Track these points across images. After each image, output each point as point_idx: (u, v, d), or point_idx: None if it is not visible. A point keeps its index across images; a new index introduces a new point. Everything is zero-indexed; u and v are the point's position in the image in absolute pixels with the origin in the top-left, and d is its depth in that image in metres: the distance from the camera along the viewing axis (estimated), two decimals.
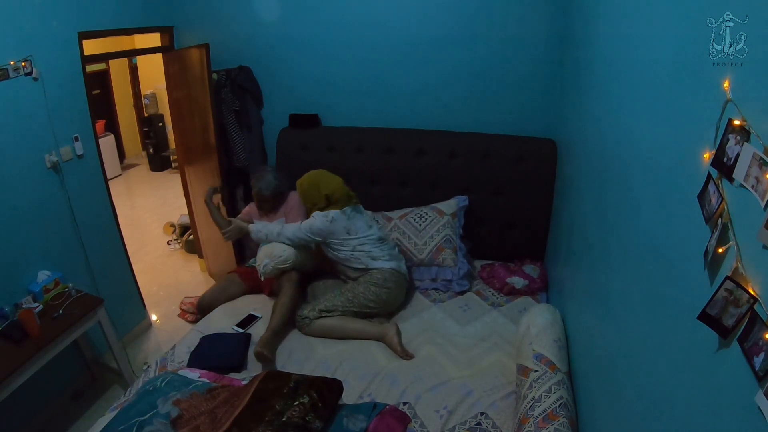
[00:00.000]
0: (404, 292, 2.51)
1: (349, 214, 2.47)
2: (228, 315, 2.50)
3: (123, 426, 1.62)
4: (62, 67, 2.53)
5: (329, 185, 2.48)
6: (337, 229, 2.42)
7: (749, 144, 0.69)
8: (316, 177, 2.52)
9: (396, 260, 2.51)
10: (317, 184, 2.48)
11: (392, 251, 2.55)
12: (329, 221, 2.41)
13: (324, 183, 2.48)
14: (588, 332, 1.70)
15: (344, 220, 2.44)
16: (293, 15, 2.98)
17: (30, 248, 2.42)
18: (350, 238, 2.44)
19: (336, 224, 2.42)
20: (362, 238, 2.46)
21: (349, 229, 2.44)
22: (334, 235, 2.43)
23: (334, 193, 2.47)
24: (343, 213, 2.45)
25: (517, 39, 2.67)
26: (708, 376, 0.78)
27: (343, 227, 2.43)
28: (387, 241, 2.59)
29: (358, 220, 2.50)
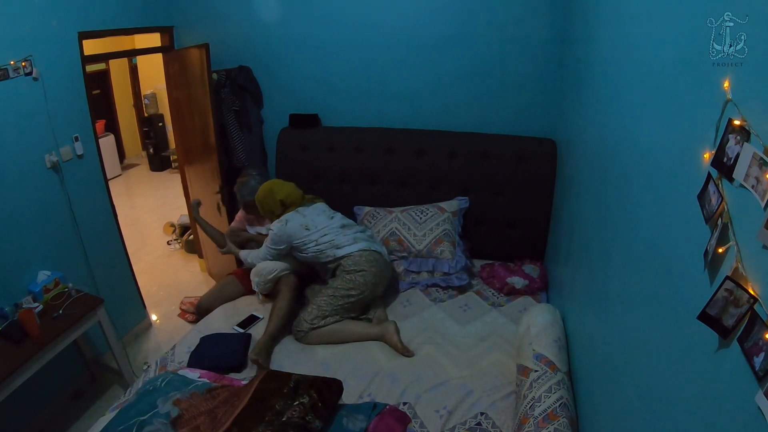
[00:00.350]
0: (384, 270, 2.46)
1: (304, 212, 2.47)
2: (228, 315, 2.50)
3: (123, 426, 1.62)
4: (62, 67, 2.53)
5: (282, 190, 2.50)
6: (293, 228, 2.41)
7: (749, 144, 0.69)
8: (269, 185, 2.53)
9: (364, 241, 2.47)
10: (271, 191, 2.50)
11: (358, 234, 2.52)
12: (284, 224, 2.42)
13: (277, 189, 2.50)
14: (588, 332, 1.70)
15: (300, 218, 2.44)
16: (293, 15, 2.98)
17: (30, 248, 2.42)
18: (311, 233, 2.42)
19: (292, 224, 2.41)
20: (323, 229, 2.44)
21: (306, 225, 2.43)
22: (295, 236, 2.42)
23: (287, 197, 2.49)
24: (297, 212, 2.46)
25: (517, 39, 2.67)
26: (708, 376, 0.78)
27: (299, 225, 2.42)
28: (352, 226, 2.57)
29: (316, 215, 2.50)
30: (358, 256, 2.38)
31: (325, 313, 2.27)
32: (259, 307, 2.54)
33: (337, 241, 2.42)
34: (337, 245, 2.42)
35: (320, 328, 2.25)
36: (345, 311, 2.32)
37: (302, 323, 2.26)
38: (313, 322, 2.25)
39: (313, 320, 2.25)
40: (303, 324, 2.26)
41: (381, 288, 2.46)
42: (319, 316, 2.26)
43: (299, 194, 2.55)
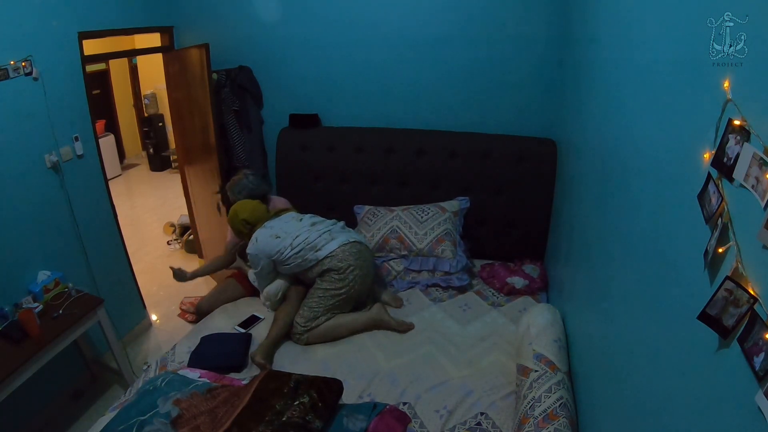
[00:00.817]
0: (369, 259, 2.44)
1: (270, 224, 2.45)
2: (229, 315, 2.50)
3: (123, 426, 1.62)
4: (62, 67, 2.53)
5: (245, 209, 2.49)
6: (264, 242, 2.37)
7: (749, 144, 0.69)
8: (234, 208, 2.52)
9: (340, 234, 2.42)
10: (235, 212, 2.49)
11: (332, 228, 2.46)
12: (254, 242, 2.39)
13: (240, 209, 2.49)
14: (588, 332, 1.70)
15: (267, 230, 2.41)
16: (293, 15, 2.98)
17: (30, 248, 2.42)
18: (282, 240, 2.36)
19: (262, 240, 2.38)
20: (293, 232, 2.39)
21: (276, 234, 2.39)
22: (268, 248, 2.36)
23: (251, 216, 2.47)
24: (263, 227, 2.43)
25: (517, 39, 2.67)
26: (708, 376, 0.78)
27: (269, 236, 2.38)
28: (322, 221, 2.52)
29: (284, 223, 2.46)
30: (341, 252, 2.33)
31: (317, 314, 2.26)
32: (260, 307, 2.54)
33: (312, 241, 2.36)
34: (315, 246, 2.35)
35: (315, 329, 2.24)
36: (337, 309, 2.31)
37: (297, 326, 2.26)
38: (307, 324, 2.25)
39: (306, 323, 2.25)
40: (297, 327, 2.26)
41: (370, 279, 2.44)
42: (311, 318, 2.26)
43: (262, 210, 2.53)
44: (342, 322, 2.28)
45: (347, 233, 2.47)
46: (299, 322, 2.26)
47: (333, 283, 2.30)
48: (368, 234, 2.79)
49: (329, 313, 2.29)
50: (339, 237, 2.40)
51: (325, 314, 2.28)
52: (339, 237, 2.40)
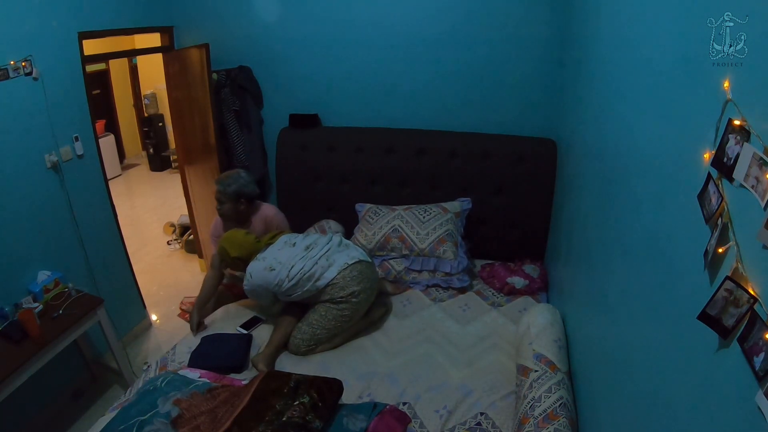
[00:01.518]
0: (373, 276, 2.33)
1: (262, 256, 2.28)
2: (230, 316, 2.49)
3: (123, 425, 1.62)
4: (62, 67, 2.53)
5: (234, 246, 2.32)
6: (260, 278, 2.22)
7: (749, 144, 0.69)
8: (222, 246, 2.35)
9: (338, 257, 2.27)
10: (226, 250, 2.33)
11: (329, 250, 2.30)
12: (249, 278, 2.25)
13: (230, 246, 2.33)
14: (588, 332, 1.70)
15: (260, 263, 2.25)
16: (293, 15, 2.98)
17: (30, 248, 2.42)
18: (278, 272, 2.20)
19: (257, 275, 2.23)
20: (288, 261, 2.22)
21: (270, 266, 2.23)
22: (265, 283, 2.22)
23: (241, 252, 2.32)
24: (256, 260, 2.28)
25: (517, 39, 2.67)
26: (708, 376, 0.78)
27: (263, 269, 2.23)
28: (317, 243, 2.34)
29: (277, 251, 2.29)
30: (342, 279, 2.20)
31: (316, 333, 2.18)
32: (261, 308, 2.53)
33: (308, 271, 2.19)
34: (312, 276, 2.19)
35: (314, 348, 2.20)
36: (339, 328, 2.21)
37: (296, 344, 2.19)
38: (308, 345, 2.18)
39: (306, 344, 2.18)
40: (297, 345, 2.19)
41: (374, 294, 2.35)
42: (311, 337, 2.18)
43: (251, 241, 2.35)
44: (346, 334, 2.25)
45: (345, 252, 2.31)
46: (300, 342, 2.18)
47: (337, 306, 2.20)
48: (369, 232, 2.78)
49: (330, 333, 2.20)
50: (337, 260, 2.25)
51: (327, 334, 2.20)
52: (337, 260, 2.25)
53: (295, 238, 2.40)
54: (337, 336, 2.23)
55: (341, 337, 2.24)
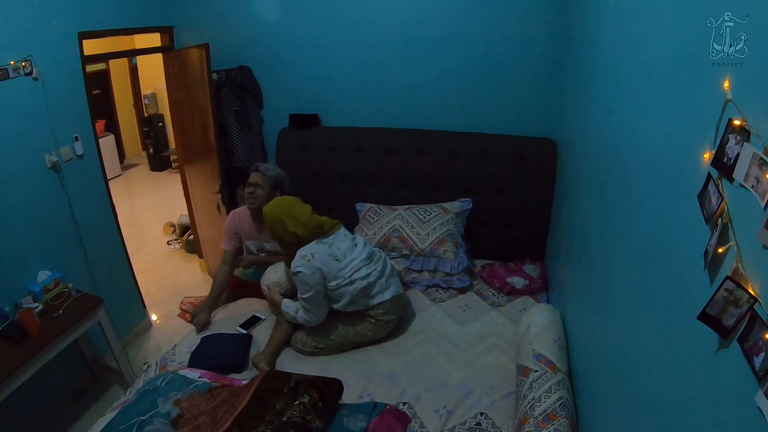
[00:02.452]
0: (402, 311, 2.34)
1: (326, 241, 2.15)
2: (230, 316, 2.49)
3: (123, 425, 1.62)
4: (62, 67, 2.53)
5: (297, 220, 2.11)
6: (323, 263, 2.08)
7: (749, 144, 0.69)
8: (280, 211, 2.14)
9: (393, 283, 2.24)
10: (283, 221, 2.12)
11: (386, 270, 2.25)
12: (310, 259, 2.06)
13: (290, 219, 2.11)
14: (588, 332, 1.70)
15: (325, 248, 2.11)
16: (293, 15, 2.98)
17: (30, 248, 2.42)
18: (341, 265, 2.11)
19: (320, 258, 2.08)
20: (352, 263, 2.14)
21: (335, 255, 2.12)
22: (326, 269, 2.09)
23: (304, 232, 2.12)
24: (318, 243, 2.13)
25: (517, 39, 2.67)
26: (708, 376, 0.78)
27: (327, 255, 2.10)
28: (375, 257, 2.26)
29: (340, 242, 2.18)
30: (391, 305, 2.18)
31: (332, 345, 2.17)
32: (261, 308, 2.53)
33: (372, 281, 2.13)
34: (370, 292, 2.14)
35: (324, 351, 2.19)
36: (354, 342, 2.20)
37: (306, 343, 2.17)
38: (318, 348, 2.17)
39: (318, 346, 2.16)
40: (307, 345, 2.17)
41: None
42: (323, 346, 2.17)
43: (316, 225, 2.15)
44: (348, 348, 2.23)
45: (396, 281, 2.27)
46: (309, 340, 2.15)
47: (367, 326, 2.18)
48: (370, 232, 2.78)
49: (344, 343, 2.19)
50: (392, 285, 2.21)
51: (341, 342, 2.18)
52: (392, 285, 2.21)
53: (353, 236, 2.30)
54: (346, 345, 2.21)
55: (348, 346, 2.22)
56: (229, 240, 2.54)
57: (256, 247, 2.59)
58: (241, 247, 2.60)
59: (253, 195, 2.41)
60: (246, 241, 2.57)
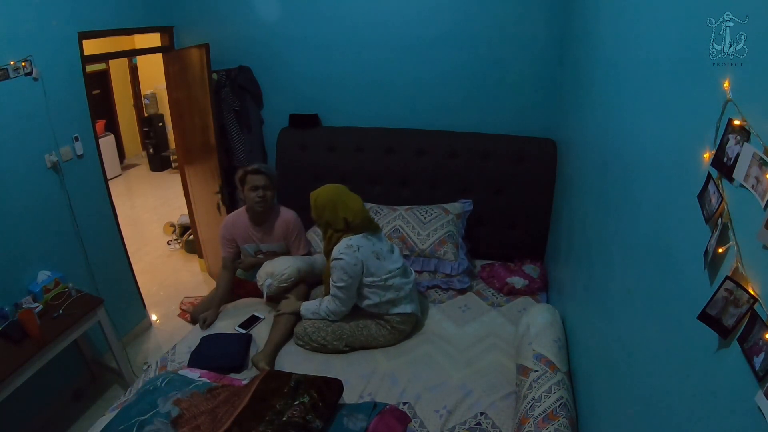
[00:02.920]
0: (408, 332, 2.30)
1: (371, 238, 2.17)
2: (230, 315, 2.49)
3: (123, 425, 1.62)
4: (62, 67, 2.53)
5: (349, 207, 2.12)
6: (366, 257, 2.10)
7: (749, 144, 0.69)
8: (333, 195, 2.16)
9: (414, 301, 2.27)
10: (335, 204, 2.13)
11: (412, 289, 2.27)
12: (355, 250, 2.07)
13: (343, 205, 2.13)
14: (588, 332, 1.70)
15: (369, 244, 2.13)
16: (293, 15, 2.98)
17: (30, 248, 2.42)
18: (381, 265, 2.14)
19: (364, 251, 2.09)
20: (390, 264, 2.17)
21: (378, 253, 2.14)
22: (367, 266, 2.10)
23: (354, 218, 2.12)
24: (364, 237, 2.14)
25: (517, 39, 2.67)
26: (708, 376, 0.78)
27: (371, 252, 2.12)
28: (408, 271, 2.30)
29: (382, 243, 2.23)
30: (408, 319, 2.22)
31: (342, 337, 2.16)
32: (260, 307, 2.53)
33: (399, 292, 2.17)
34: (393, 301, 2.16)
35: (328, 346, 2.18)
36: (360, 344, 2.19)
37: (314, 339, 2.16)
38: (325, 342, 2.16)
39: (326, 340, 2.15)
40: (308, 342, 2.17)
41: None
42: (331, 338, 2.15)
43: (365, 215, 2.18)
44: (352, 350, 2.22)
45: (417, 301, 2.30)
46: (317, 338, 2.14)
47: (381, 331, 2.18)
48: None
49: (347, 347, 2.18)
50: (414, 302, 2.25)
51: (351, 343, 2.18)
52: (414, 302, 2.25)
53: (390, 243, 2.33)
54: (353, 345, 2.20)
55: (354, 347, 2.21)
56: (226, 247, 2.54)
57: (254, 250, 2.58)
58: (239, 251, 2.59)
59: (264, 198, 2.40)
60: (243, 245, 2.57)
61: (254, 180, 2.39)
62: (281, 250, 2.49)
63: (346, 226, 2.13)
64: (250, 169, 2.41)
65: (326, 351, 2.19)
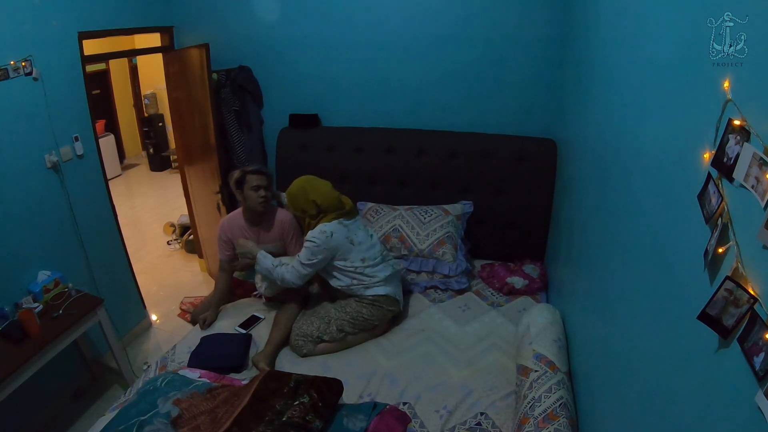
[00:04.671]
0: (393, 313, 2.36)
1: (347, 224, 2.25)
2: (230, 315, 2.49)
3: (123, 425, 1.62)
4: (62, 67, 2.53)
5: (317, 190, 2.23)
6: (339, 243, 2.19)
7: (749, 144, 0.69)
8: (303, 182, 2.28)
9: (393, 285, 2.34)
10: (305, 189, 2.24)
11: (392, 273, 2.35)
12: (329, 236, 2.16)
13: (312, 188, 2.24)
14: (588, 332, 1.70)
15: (344, 230, 2.22)
16: (293, 15, 2.98)
17: (30, 248, 2.42)
18: (355, 250, 2.23)
19: (337, 237, 2.18)
20: (366, 248, 2.26)
21: (351, 239, 2.23)
22: (339, 251, 2.20)
23: (323, 200, 2.22)
24: (340, 224, 2.22)
25: (517, 39, 2.67)
26: (708, 376, 0.78)
27: (345, 237, 2.21)
28: (387, 258, 2.39)
29: (358, 230, 2.30)
30: (383, 297, 2.27)
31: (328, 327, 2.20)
32: (260, 307, 2.53)
33: (380, 278, 2.26)
34: (367, 285, 2.25)
35: (321, 344, 2.20)
36: (351, 327, 2.23)
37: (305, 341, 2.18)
38: (319, 336, 2.18)
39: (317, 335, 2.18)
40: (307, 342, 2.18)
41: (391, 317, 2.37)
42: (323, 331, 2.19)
43: (335, 196, 2.26)
44: (351, 342, 2.24)
45: (397, 287, 2.37)
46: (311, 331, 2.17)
47: (357, 306, 2.24)
48: None
49: (341, 333, 2.21)
50: (390, 286, 2.30)
51: (339, 332, 2.20)
52: (390, 286, 2.30)
53: (369, 227, 2.42)
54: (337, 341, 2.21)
55: (343, 344, 2.23)
56: (223, 250, 2.55)
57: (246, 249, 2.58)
58: (236, 253, 2.59)
59: (266, 197, 2.41)
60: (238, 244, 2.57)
61: (255, 180, 2.39)
62: (278, 251, 2.49)
63: (317, 209, 2.22)
64: (250, 170, 2.41)
65: (326, 344, 2.19)
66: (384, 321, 2.31)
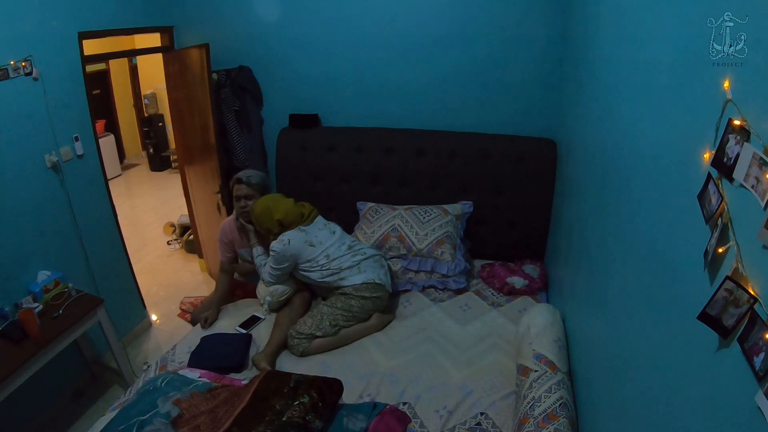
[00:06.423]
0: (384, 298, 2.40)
1: (305, 229, 2.37)
2: (230, 315, 2.49)
3: (123, 425, 1.62)
4: (62, 67, 2.53)
5: (280, 209, 2.33)
6: (297, 248, 2.31)
7: (749, 144, 0.69)
8: (267, 202, 2.36)
9: (370, 270, 2.38)
10: (269, 209, 2.33)
11: (365, 260, 2.41)
12: (286, 244, 2.29)
13: (275, 208, 2.33)
14: (588, 332, 1.70)
15: (302, 235, 2.34)
16: (293, 15, 2.98)
17: (30, 248, 2.42)
18: (316, 250, 2.34)
19: (295, 244, 2.31)
20: (328, 248, 2.37)
21: (311, 241, 2.35)
22: (299, 254, 2.33)
23: (285, 217, 2.33)
24: (298, 230, 2.35)
25: (517, 39, 2.67)
26: (708, 376, 0.78)
27: (303, 242, 2.33)
28: (356, 246, 2.45)
29: (318, 230, 2.41)
30: (362, 286, 2.33)
31: (320, 324, 2.22)
32: (260, 308, 2.53)
33: (341, 268, 2.35)
34: (342, 276, 2.35)
35: (316, 339, 2.20)
36: (344, 320, 2.27)
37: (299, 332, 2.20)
38: (312, 332, 2.20)
39: (311, 330, 2.20)
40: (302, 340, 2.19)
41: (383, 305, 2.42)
42: (315, 326, 2.22)
43: (296, 212, 2.38)
44: (346, 334, 2.26)
45: (376, 269, 2.41)
46: (302, 331, 2.20)
47: (345, 299, 2.30)
48: (369, 230, 2.79)
49: (336, 327, 2.25)
50: (367, 273, 2.36)
51: (332, 326, 2.24)
52: (367, 273, 2.36)
53: (331, 224, 2.51)
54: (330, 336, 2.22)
55: (338, 338, 2.24)
56: (224, 251, 2.58)
57: (249, 255, 2.58)
58: (236, 255, 2.61)
59: (246, 209, 2.44)
60: (239, 249, 2.59)
61: (236, 190, 2.45)
62: None
63: (280, 225, 2.35)
64: (235, 178, 2.47)
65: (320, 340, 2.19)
66: (376, 310, 2.36)
